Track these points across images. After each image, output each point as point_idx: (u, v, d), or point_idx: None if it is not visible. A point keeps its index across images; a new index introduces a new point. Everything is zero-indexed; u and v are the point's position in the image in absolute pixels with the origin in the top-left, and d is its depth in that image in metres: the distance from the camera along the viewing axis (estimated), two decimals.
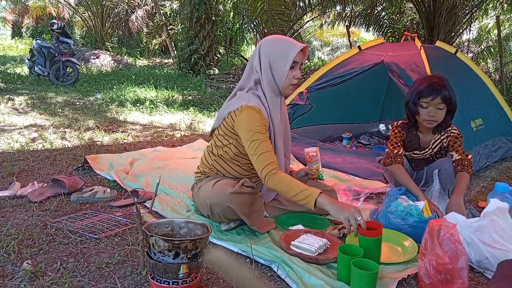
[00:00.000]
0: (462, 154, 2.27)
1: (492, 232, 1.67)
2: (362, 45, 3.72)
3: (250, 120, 1.87)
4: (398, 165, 2.30)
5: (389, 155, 2.33)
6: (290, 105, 3.64)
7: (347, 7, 10.54)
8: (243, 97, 1.96)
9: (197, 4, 9.46)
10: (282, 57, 1.90)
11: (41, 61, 7.46)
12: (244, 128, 1.88)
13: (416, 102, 2.21)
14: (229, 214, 1.85)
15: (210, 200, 1.89)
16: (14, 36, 18.54)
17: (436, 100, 2.16)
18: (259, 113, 1.90)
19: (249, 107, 1.89)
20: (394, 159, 2.31)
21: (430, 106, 2.18)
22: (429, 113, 2.19)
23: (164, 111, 5.56)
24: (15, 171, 2.72)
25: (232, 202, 1.81)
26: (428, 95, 2.16)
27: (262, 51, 1.95)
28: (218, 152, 2.08)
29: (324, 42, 20.02)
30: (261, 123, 1.89)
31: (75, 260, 1.65)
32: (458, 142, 2.30)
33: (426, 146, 2.38)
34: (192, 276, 1.39)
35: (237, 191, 1.82)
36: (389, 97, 4.52)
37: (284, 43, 1.95)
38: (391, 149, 2.33)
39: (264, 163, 1.84)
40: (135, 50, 14.83)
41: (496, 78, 9.01)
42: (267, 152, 1.86)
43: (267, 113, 1.97)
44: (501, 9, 10.04)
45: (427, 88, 2.17)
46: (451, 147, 2.32)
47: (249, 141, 1.86)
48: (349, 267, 1.48)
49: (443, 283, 1.49)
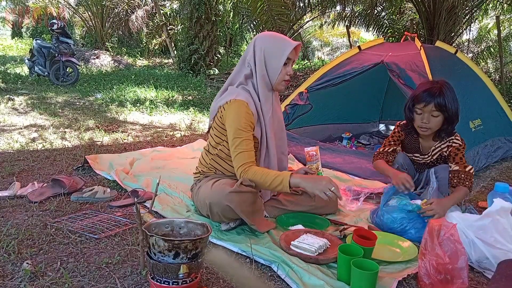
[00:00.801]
0: (461, 166, 2.17)
1: (494, 232, 1.67)
2: (362, 45, 3.72)
3: (236, 115, 1.91)
4: (379, 161, 2.32)
5: (378, 151, 2.37)
6: (290, 105, 3.64)
7: (347, 7, 10.55)
8: (232, 91, 2.00)
9: (197, 4, 9.47)
10: (277, 53, 1.94)
11: (41, 61, 7.46)
12: (230, 123, 1.93)
13: (411, 108, 2.18)
14: (228, 213, 1.85)
15: (209, 200, 1.89)
16: (14, 36, 18.54)
17: (428, 107, 2.10)
18: (246, 108, 1.93)
19: (237, 101, 1.93)
20: (376, 157, 2.35)
21: (424, 113, 2.13)
22: (422, 119, 2.14)
23: (164, 111, 5.56)
24: (15, 171, 2.72)
25: (231, 201, 1.81)
26: (421, 101, 2.12)
27: (257, 46, 1.98)
28: (214, 151, 2.09)
29: (324, 42, 20.01)
30: (247, 119, 1.92)
31: (75, 260, 1.65)
32: (460, 154, 2.20)
33: (426, 152, 2.33)
34: (192, 276, 1.39)
35: (236, 190, 1.83)
36: (389, 97, 4.52)
37: (279, 39, 1.99)
38: (383, 147, 2.36)
39: (241, 161, 1.91)
40: (135, 50, 14.84)
41: (496, 78, 9.01)
42: (246, 152, 1.91)
43: (256, 107, 1.99)
44: (501, 9, 10.05)
45: (422, 93, 2.12)
46: (451, 158, 2.22)
47: (232, 137, 1.93)
48: (349, 267, 1.48)
49: (443, 283, 1.49)
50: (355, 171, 3.03)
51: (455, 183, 2.15)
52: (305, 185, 1.82)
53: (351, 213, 2.29)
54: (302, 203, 2.16)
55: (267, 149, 2.07)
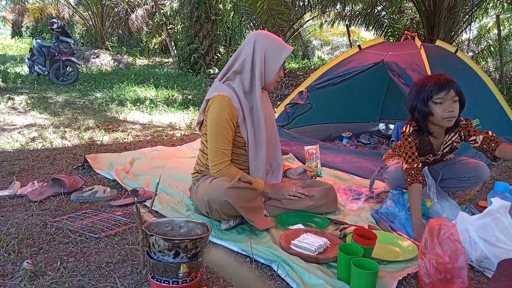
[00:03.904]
0: (484, 133, 2.13)
1: (495, 231, 1.67)
2: (362, 44, 3.72)
3: (219, 110, 1.96)
4: (418, 186, 2.08)
5: (409, 172, 2.11)
6: (290, 104, 3.64)
7: (347, 6, 10.54)
8: (218, 87, 2.04)
9: (196, 3, 9.46)
10: (276, 55, 2.01)
11: (41, 60, 7.46)
12: (211, 116, 1.98)
13: (426, 102, 2.04)
14: (227, 209, 1.85)
15: (207, 196, 1.90)
16: (14, 35, 18.53)
17: (450, 94, 2.01)
18: (229, 103, 1.96)
19: (220, 96, 1.97)
20: (415, 177, 2.09)
21: (447, 101, 2.02)
22: (447, 109, 2.02)
23: (164, 110, 5.56)
24: (15, 170, 2.72)
25: (230, 197, 1.81)
26: (442, 90, 2.01)
27: (258, 45, 2.01)
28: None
29: (324, 41, 20.02)
30: (229, 114, 1.96)
31: (75, 259, 1.65)
32: (472, 128, 2.18)
33: (438, 150, 2.26)
34: (192, 276, 1.39)
35: (234, 185, 1.85)
36: (389, 96, 4.52)
37: (279, 42, 2.06)
38: (410, 164, 2.12)
39: (217, 159, 1.98)
40: (135, 49, 14.83)
41: (496, 77, 9.00)
42: (222, 151, 1.98)
43: (240, 103, 2.01)
44: (501, 8, 10.04)
45: (437, 84, 2.02)
46: (468, 136, 2.17)
47: (211, 131, 1.98)
48: (349, 266, 1.48)
49: (443, 282, 1.49)
50: (355, 171, 3.03)
51: (496, 143, 2.11)
52: (273, 194, 2.13)
53: (351, 212, 2.29)
54: (302, 203, 2.16)
55: (256, 146, 2.09)
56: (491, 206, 1.71)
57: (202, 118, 2.14)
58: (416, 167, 2.11)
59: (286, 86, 7.87)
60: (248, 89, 2.05)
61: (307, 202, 2.16)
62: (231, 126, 1.99)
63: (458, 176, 2.29)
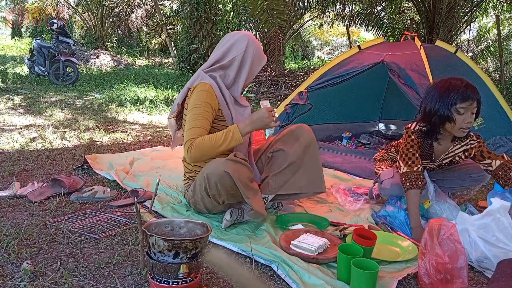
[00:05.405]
0: (500, 158, 2.04)
1: (496, 231, 1.67)
2: (362, 45, 3.72)
3: (200, 93, 1.98)
4: (417, 192, 1.98)
5: (408, 176, 2.00)
6: (290, 104, 3.64)
7: (347, 6, 10.55)
8: (199, 74, 2.09)
9: (196, 4, 9.46)
10: (260, 61, 2.13)
11: (40, 60, 7.45)
12: (193, 98, 1.99)
13: (450, 108, 1.92)
14: (226, 181, 1.82)
15: (207, 171, 1.90)
16: (13, 35, 18.51)
17: (473, 105, 1.93)
18: (210, 89, 2.00)
19: (202, 83, 2.01)
20: (415, 183, 1.98)
21: (468, 111, 1.92)
22: (466, 119, 1.92)
23: (164, 110, 5.56)
24: (15, 171, 2.72)
25: (228, 167, 1.82)
26: (467, 99, 1.90)
27: (250, 48, 2.08)
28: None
29: (324, 41, 20.04)
30: (210, 98, 1.98)
31: (75, 260, 1.65)
32: (485, 149, 2.09)
33: (437, 158, 2.18)
34: (192, 276, 1.39)
35: (232, 158, 1.88)
36: (389, 96, 4.51)
37: (261, 49, 2.17)
38: (410, 167, 2.02)
39: (191, 136, 1.93)
40: (135, 49, 14.82)
41: (496, 77, 9.00)
42: (198, 128, 1.94)
43: (222, 94, 2.05)
44: (501, 8, 10.05)
45: (463, 93, 1.91)
46: (481, 158, 2.08)
47: (190, 114, 1.96)
48: (349, 266, 1.48)
49: (443, 283, 1.49)
50: (355, 171, 3.03)
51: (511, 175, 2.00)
52: (254, 126, 1.93)
53: (351, 212, 2.29)
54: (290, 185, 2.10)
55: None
56: (491, 206, 1.71)
57: (180, 108, 2.15)
58: (416, 170, 2.01)
59: (286, 86, 7.87)
60: (229, 85, 2.10)
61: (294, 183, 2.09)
62: (210, 110, 1.99)
63: (461, 177, 2.27)
